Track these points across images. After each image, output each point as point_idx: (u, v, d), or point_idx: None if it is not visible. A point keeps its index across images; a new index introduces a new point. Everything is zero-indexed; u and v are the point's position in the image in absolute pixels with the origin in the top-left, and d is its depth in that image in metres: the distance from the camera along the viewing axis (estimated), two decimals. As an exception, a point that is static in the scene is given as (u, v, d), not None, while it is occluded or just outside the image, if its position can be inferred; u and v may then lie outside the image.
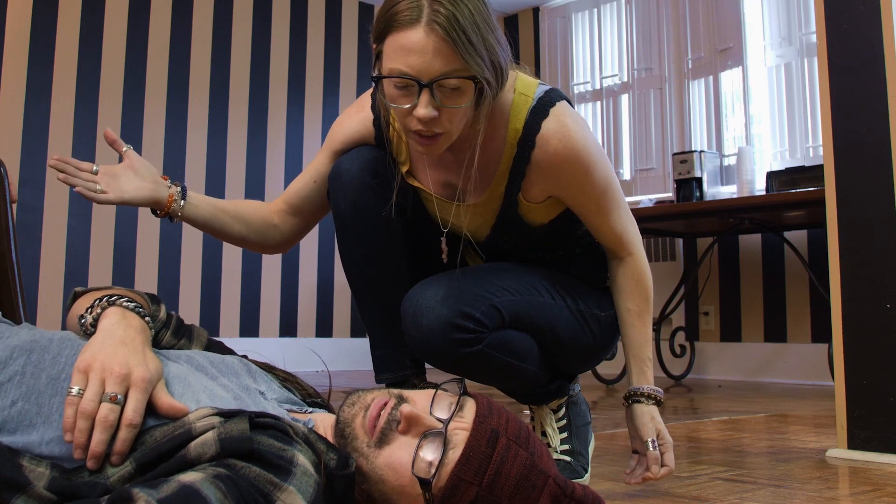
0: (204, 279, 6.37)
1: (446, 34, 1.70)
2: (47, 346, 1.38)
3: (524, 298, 2.04)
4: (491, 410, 1.42)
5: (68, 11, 5.88)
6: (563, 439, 2.27)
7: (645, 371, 2.10)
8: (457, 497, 1.35)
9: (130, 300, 1.48)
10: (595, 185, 2.00)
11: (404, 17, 1.72)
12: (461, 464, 1.36)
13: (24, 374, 1.32)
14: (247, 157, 6.63)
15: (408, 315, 1.97)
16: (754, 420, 3.70)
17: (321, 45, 7.14)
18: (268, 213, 2.23)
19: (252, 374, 1.57)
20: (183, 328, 1.65)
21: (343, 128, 2.16)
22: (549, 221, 2.11)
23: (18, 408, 1.28)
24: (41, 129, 5.73)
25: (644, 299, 2.12)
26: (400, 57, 1.73)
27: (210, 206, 2.13)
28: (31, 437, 1.26)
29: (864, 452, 2.60)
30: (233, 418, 1.28)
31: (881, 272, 2.60)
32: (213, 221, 2.14)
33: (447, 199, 2.07)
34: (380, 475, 1.38)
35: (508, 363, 2.01)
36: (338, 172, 2.10)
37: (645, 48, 6.80)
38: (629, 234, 2.11)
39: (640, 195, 6.55)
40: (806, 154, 5.82)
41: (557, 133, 1.93)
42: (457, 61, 1.73)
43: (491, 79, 1.79)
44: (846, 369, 2.67)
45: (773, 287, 5.98)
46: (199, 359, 1.50)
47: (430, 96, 1.74)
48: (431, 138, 1.82)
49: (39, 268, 5.64)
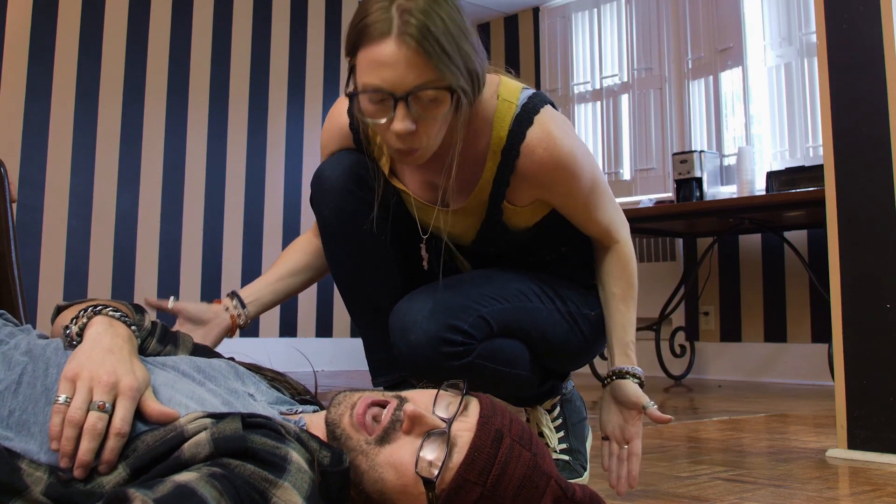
0: (204, 279, 6.36)
1: (419, 45, 1.65)
2: (41, 354, 1.38)
3: (512, 306, 2.02)
4: (494, 411, 1.42)
5: (68, 11, 5.88)
6: (561, 438, 2.26)
7: (629, 353, 2.06)
8: (460, 497, 1.34)
9: (116, 310, 1.47)
10: (582, 188, 1.99)
11: (375, 29, 1.67)
12: (466, 464, 1.35)
13: (20, 384, 1.32)
14: (247, 158, 6.63)
15: (396, 331, 1.96)
16: (754, 420, 3.70)
17: (321, 45, 7.13)
18: (313, 244, 2.27)
19: (240, 377, 1.57)
20: (168, 335, 1.65)
21: (328, 138, 2.16)
22: (534, 224, 2.09)
23: (16, 418, 1.28)
24: (41, 129, 5.72)
25: (629, 284, 2.10)
26: (373, 71, 1.69)
27: (268, 290, 2.20)
28: (29, 445, 1.26)
29: (864, 452, 2.60)
30: (225, 419, 1.28)
31: (881, 272, 2.60)
32: (280, 295, 2.22)
33: (429, 203, 2.05)
34: (380, 474, 1.36)
35: (500, 371, 2.00)
36: (319, 178, 2.10)
37: (645, 48, 6.80)
38: (615, 223, 2.10)
39: (640, 195, 6.54)
40: (806, 154, 5.82)
41: (542, 142, 1.90)
42: (431, 72, 1.68)
43: (467, 87, 1.75)
44: (846, 369, 2.67)
45: (774, 287, 5.98)
46: (185, 365, 1.50)
47: (406, 109, 1.70)
48: (412, 151, 1.79)
49: (39, 268, 5.63)
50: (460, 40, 1.71)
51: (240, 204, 6.56)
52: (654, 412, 1.98)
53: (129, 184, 6.05)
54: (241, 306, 2.13)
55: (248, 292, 2.17)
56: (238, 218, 6.54)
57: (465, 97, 1.75)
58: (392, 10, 1.66)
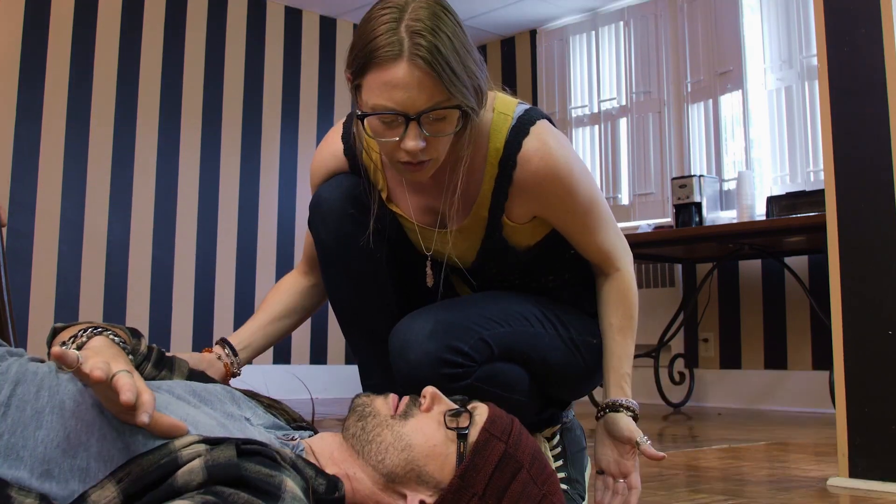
0: (196, 305, 6.32)
1: (430, 67, 1.69)
2: (32, 378, 1.36)
3: (514, 329, 2.00)
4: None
5: (59, 33, 5.88)
6: (559, 467, 2.23)
7: (623, 386, 2.04)
8: (486, 452, 1.49)
9: (115, 334, 1.49)
10: (579, 204, 1.98)
11: (385, 53, 1.70)
12: (489, 422, 1.52)
13: (9, 406, 1.30)
14: (240, 182, 6.60)
15: (395, 350, 1.94)
16: (754, 448, 3.68)
17: (315, 69, 7.12)
18: (300, 283, 2.28)
19: (236, 401, 1.58)
20: (164, 360, 1.67)
21: (318, 166, 2.16)
22: (535, 244, 2.07)
23: (5, 441, 1.26)
24: (31, 152, 5.71)
25: (628, 315, 2.08)
26: (384, 93, 1.72)
27: (259, 335, 2.19)
28: (19, 471, 1.24)
29: (866, 481, 2.57)
30: (219, 445, 1.27)
31: (883, 299, 2.57)
32: (271, 339, 2.21)
33: (429, 227, 2.05)
34: (408, 441, 1.49)
35: (499, 396, 1.96)
36: (317, 202, 2.09)
37: (643, 71, 6.77)
38: (617, 249, 2.08)
39: (639, 220, 6.51)
40: (807, 178, 5.79)
41: (539, 151, 1.91)
42: (441, 93, 1.72)
43: (474, 104, 1.78)
44: (847, 397, 2.64)
45: (774, 313, 5.93)
46: (180, 389, 1.50)
47: (418, 128, 1.74)
48: (419, 165, 1.80)
49: (30, 294, 5.61)
50: (466, 59, 1.75)
51: (233, 228, 6.52)
52: (647, 448, 1.95)
53: (121, 208, 6.02)
54: (234, 354, 2.12)
55: (239, 339, 2.15)
56: (231, 242, 6.51)
57: (472, 114, 1.80)
58: (401, 32, 1.70)
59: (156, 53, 6.29)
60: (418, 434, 1.49)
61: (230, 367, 2.10)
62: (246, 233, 6.58)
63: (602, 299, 2.11)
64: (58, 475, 1.25)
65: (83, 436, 1.29)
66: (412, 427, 1.50)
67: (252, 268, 6.58)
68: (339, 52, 7.23)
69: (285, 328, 2.24)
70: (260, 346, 2.18)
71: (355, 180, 2.08)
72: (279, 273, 6.58)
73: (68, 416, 1.31)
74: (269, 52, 6.86)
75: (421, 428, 1.50)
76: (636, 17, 6.83)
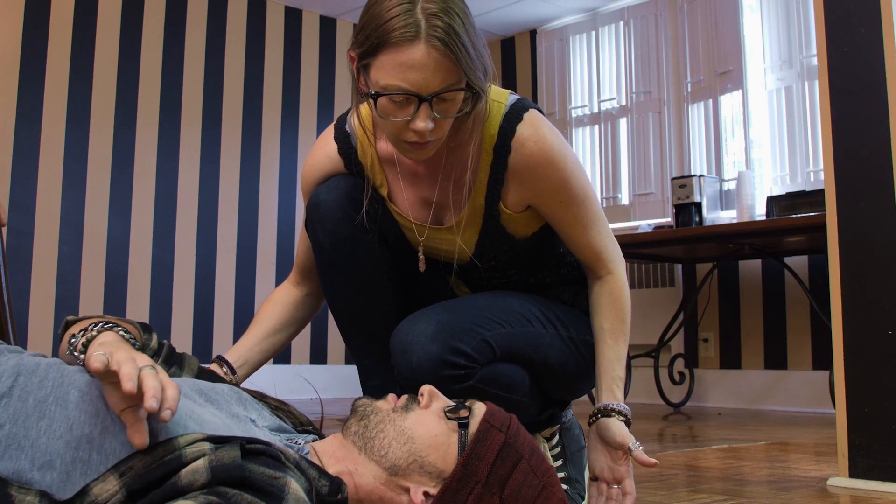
0: (196, 305, 6.32)
1: (448, 49, 1.71)
2: (34, 369, 1.36)
3: (515, 330, 2.00)
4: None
5: (59, 34, 5.87)
6: (559, 467, 2.23)
7: (614, 390, 2.03)
8: (487, 441, 1.52)
9: (125, 331, 1.49)
10: (571, 194, 1.98)
11: (402, 33, 1.70)
12: (489, 414, 1.56)
13: (10, 396, 1.30)
14: (240, 182, 6.59)
15: (397, 351, 1.94)
16: (754, 448, 3.68)
17: (315, 69, 7.11)
18: (293, 295, 2.27)
19: (243, 402, 1.59)
20: (174, 356, 1.67)
21: (311, 171, 2.16)
22: (532, 235, 2.08)
23: (6, 431, 1.26)
24: (31, 153, 5.70)
25: (620, 319, 2.08)
26: (399, 73, 1.73)
27: (256, 351, 2.18)
28: (19, 462, 1.23)
29: (866, 481, 2.56)
30: (224, 445, 1.27)
31: (883, 298, 2.57)
32: (267, 354, 2.20)
33: (427, 224, 2.05)
34: (410, 433, 1.51)
35: (500, 397, 1.96)
36: (315, 203, 2.08)
37: (643, 71, 6.77)
38: (608, 251, 2.08)
39: (639, 220, 6.50)
40: (807, 178, 5.78)
41: (532, 136, 1.93)
42: (456, 74, 1.74)
43: (484, 85, 1.80)
44: (847, 397, 2.63)
45: (774, 313, 5.93)
46: (187, 387, 1.50)
47: (430, 109, 1.75)
48: (424, 144, 1.81)
49: (30, 294, 5.60)
50: (476, 40, 1.78)
51: (233, 228, 6.52)
52: (639, 455, 1.93)
53: (121, 209, 6.02)
54: (232, 372, 2.11)
55: (236, 356, 2.14)
56: (231, 243, 6.50)
57: (483, 94, 1.82)
58: (417, 14, 1.71)
59: (156, 53, 6.28)
60: (420, 426, 1.52)
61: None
62: (246, 233, 6.57)
63: (594, 303, 2.11)
64: (59, 466, 1.24)
65: (87, 427, 1.28)
66: (413, 420, 1.53)
67: (252, 268, 6.57)
68: (339, 52, 7.22)
69: (281, 342, 2.24)
70: (257, 362, 2.18)
71: (353, 181, 2.07)
72: (279, 273, 6.58)
73: (72, 407, 1.30)
74: (269, 53, 6.85)
75: (422, 420, 1.53)
76: (636, 17, 6.83)
